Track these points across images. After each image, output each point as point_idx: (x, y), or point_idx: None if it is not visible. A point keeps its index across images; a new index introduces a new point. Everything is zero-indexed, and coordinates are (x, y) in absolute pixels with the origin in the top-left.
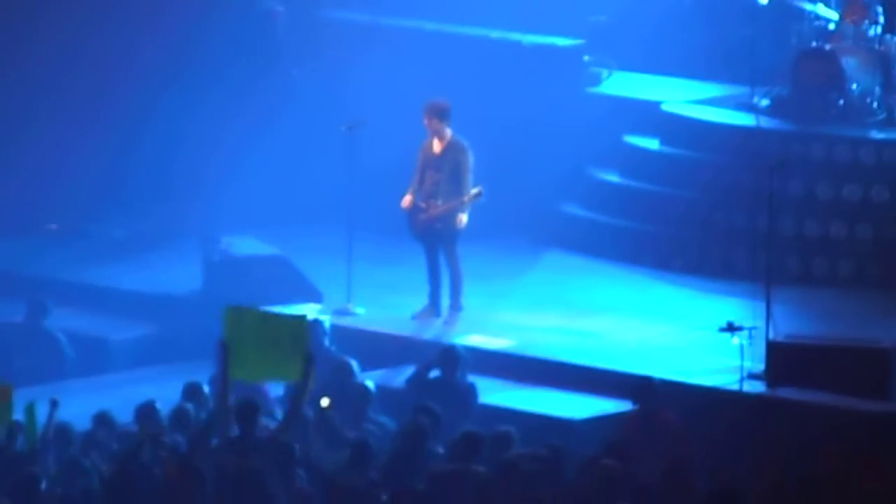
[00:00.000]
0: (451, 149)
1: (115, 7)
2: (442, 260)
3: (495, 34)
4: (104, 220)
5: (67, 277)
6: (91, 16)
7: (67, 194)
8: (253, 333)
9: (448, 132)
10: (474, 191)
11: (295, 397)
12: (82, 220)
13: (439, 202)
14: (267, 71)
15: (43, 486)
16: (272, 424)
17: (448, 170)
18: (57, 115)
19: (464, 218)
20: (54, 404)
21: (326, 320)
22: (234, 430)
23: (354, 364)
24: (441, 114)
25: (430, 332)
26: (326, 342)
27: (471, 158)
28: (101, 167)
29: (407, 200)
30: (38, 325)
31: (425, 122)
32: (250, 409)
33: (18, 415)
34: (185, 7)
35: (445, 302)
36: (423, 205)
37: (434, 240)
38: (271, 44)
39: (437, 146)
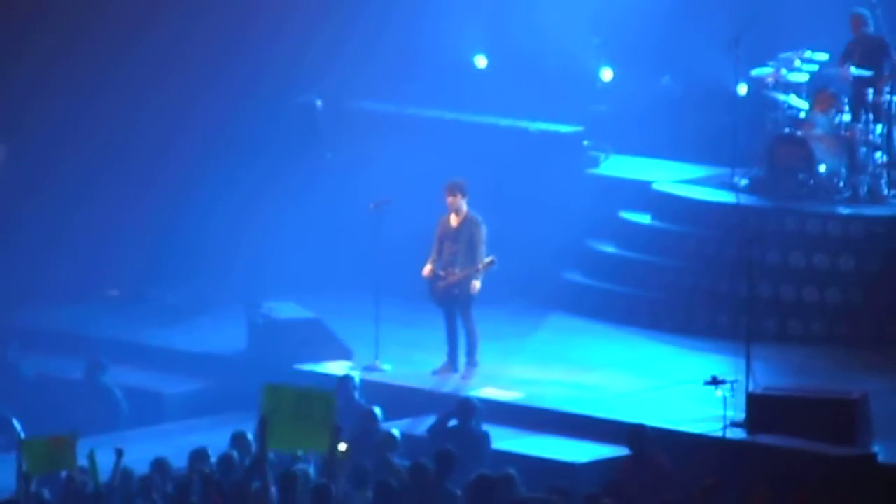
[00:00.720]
0: (466, 223)
1: (168, 90)
2: (459, 322)
3: (505, 122)
4: (157, 286)
5: (125, 338)
6: (144, 99)
7: (124, 263)
8: (288, 408)
9: (464, 208)
10: (487, 260)
11: (324, 468)
12: (138, 287)
13: (456, 270)
14: (304, 152)
15: None
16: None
17: (464, 241)
18: (113, 192)
19: (477, 284)
20: (119, 453)
21: (356, 376)
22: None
23: (379, 411)
24: (459, 191)
25: (449, 385)
26: (356, 395)
27: (484, 231)
28: (154, 238)
29: (427, 269)
30: (97, 380)
31: (447, 198)
32: (289, 478)
33: (81, 460)
34: (232, 93)
35: (462, 359)
36: (441, 273)
37: (452, 304)
38: (310, 130)
39: (454, 220)
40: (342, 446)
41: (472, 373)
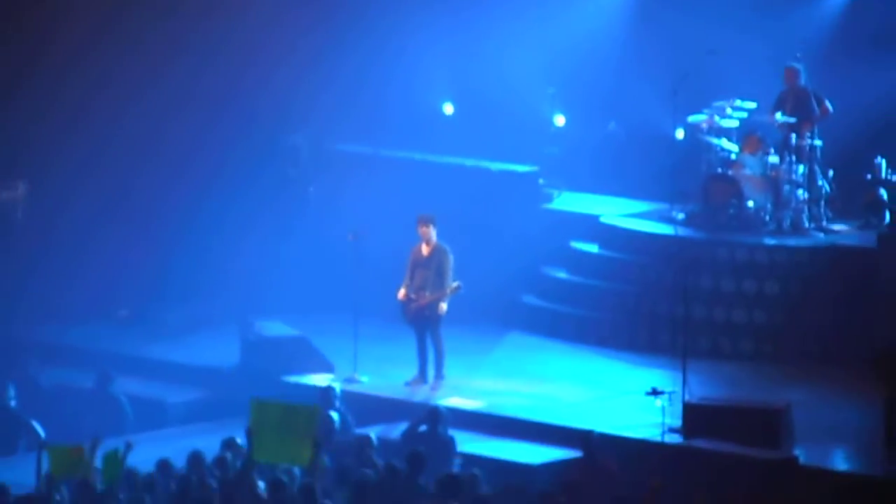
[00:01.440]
0: (436, 251)
1: (172, 134)
2: (429, 339)
3: (469, 162)
4: (159, 306)
5: (131, 353)
6: (151, 143)
7: (131, 286)
8: (273, 422)
9: (434, 238)
10: (454, 285)
11: (307, 472)
12: (143, 306)
13: (427, 294)
14: (288, 188)
15: None
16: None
17: (434, 268)
18: (122, 225)
19: (444, 306)
20: (129, 446)
21: (337, 387)
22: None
23: (336, 416)
24: (430, 223)
25: (419, 395)
26: (337, 404)
27: (451, 259)
28: (157, 265)
29: (401, 293)
30: (105, 390)
31: (419, 229)
32: (277, 485)
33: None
34: (223, 137)
35: (431, 372)
36: (413, 296)
37: (422, 323)
38: (294, 168)
39: (425, 249)
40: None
41: (440, 384)
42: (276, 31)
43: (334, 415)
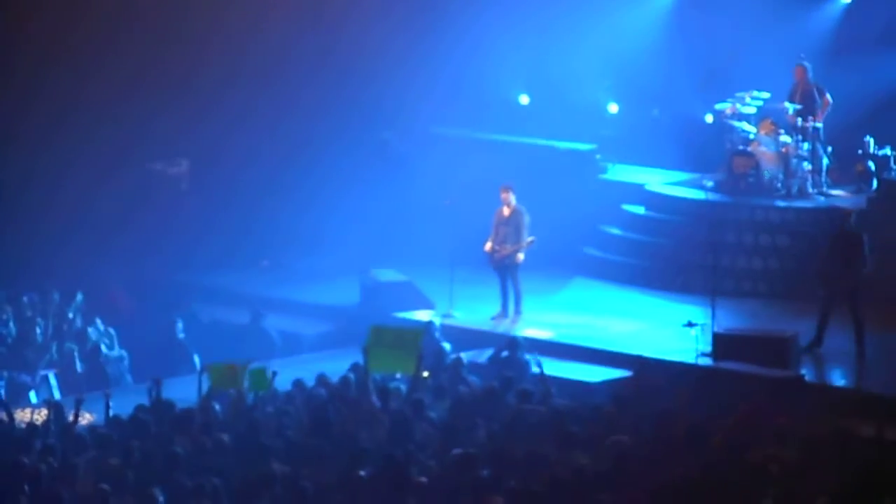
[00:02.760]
0: (515, 213)
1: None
2: (509, 283)
3: (541, 142)
4: (294, 257)
5: (273, 295)
6: (281, 124)
7: (270, 240)
8: (386, 341)
9: (514, 202)
10: (529, 239)
11: (412, 384)
12: (279, 257)
13: (508, 246)
14: (400, 166)
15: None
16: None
17: (513, 226)
18: (258, 191)
19: (521, 256)
20: (274, 374)
21: (437, 321)
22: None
23: (448, 346)
24: (510, 190)
25: (502, 328)
26: (437, 335)
27: (527, 219)
28: (290, 223)
29: (488, 246)
30: (259, 325)
31: (502, 195)
32: (386, 392)
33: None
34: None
35: (511, 309)
36: (497, 248)
37: (504, 270)
38: (386, 162)
39: (506, 211)
40: (425, 373)
41: (518, 319)
42: (377, 33)
43: (446, 345)
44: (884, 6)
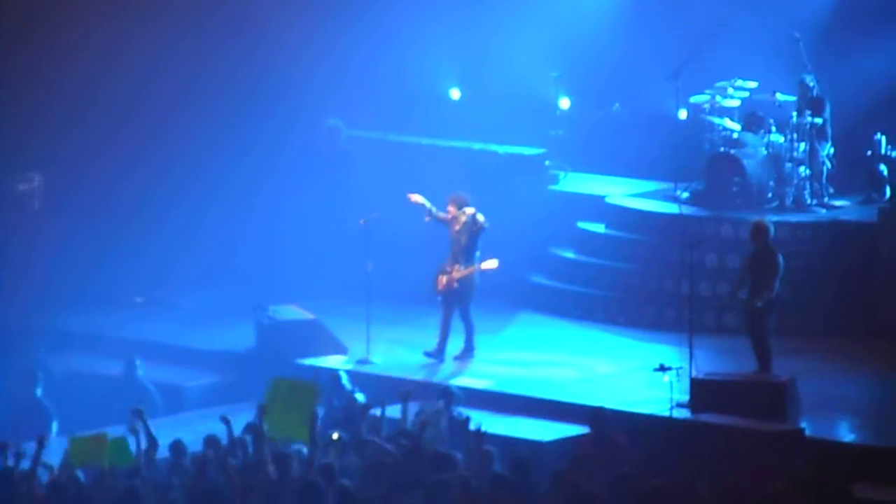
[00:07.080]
0: (466, 225)
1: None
2: (456, 315)
3: (477, 146)
4: (174, 293)
5: (148, 339)
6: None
7: (144, 274)
8: (284, 396)
9: (464, 215)
10: (490, 263)
11: (311, 450)
12: (161, 294)
13: (460, 268)
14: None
15: None
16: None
17: (465, 242)
18: (130, 213)
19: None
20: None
21: (343, 371)
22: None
23: (362, 397)
24: (456, 201)
25: (432, 375)
26: (348, 386)
27: (481, 228)
28: (169, 253)
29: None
30: (133, 377)
31: (447, 207)
32: (284, 457)
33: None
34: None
35: (456, 348)
36: (448, 270)
37: (452, 298)
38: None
39: (456, 227)
40: (335, 435)
41: (469, 358)
42: (298, 24)
43: (360, 395)
44: None
